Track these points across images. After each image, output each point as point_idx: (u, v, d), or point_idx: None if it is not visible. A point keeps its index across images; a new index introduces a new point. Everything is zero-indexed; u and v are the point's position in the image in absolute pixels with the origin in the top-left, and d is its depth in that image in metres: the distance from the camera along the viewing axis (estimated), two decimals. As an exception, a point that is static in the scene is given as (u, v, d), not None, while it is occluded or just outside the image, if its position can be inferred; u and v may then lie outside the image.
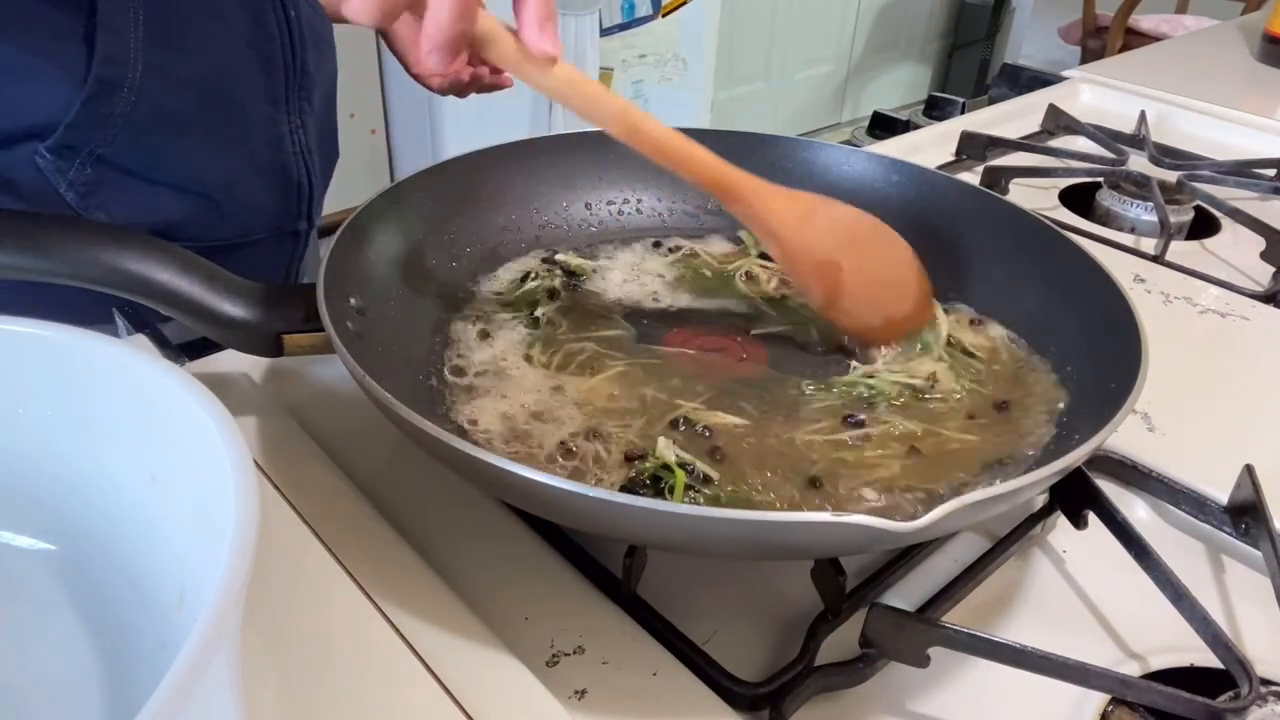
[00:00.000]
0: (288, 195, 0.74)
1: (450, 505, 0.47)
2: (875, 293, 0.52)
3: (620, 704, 0.38)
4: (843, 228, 0.52)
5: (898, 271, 0.53)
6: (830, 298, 0.52)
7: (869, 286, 0.52)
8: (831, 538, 0.35)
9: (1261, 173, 0.91)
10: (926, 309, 0.54)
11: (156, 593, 0.31)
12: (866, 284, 0.52)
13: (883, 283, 0.53)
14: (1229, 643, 0.39)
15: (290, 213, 0.75)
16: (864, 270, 0.52)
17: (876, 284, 0.53)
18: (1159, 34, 2.64)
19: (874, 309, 0.52)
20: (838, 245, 0.52)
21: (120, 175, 0.64)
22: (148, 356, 0.32)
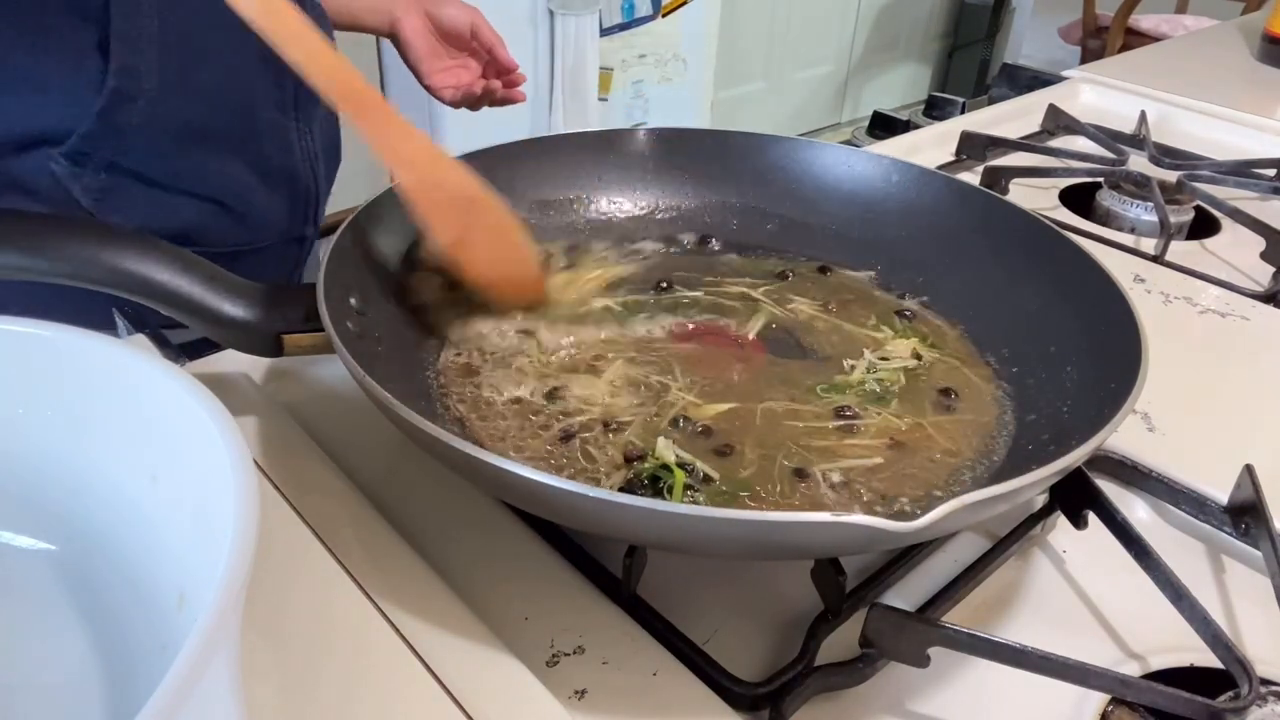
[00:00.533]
0: (296, 201, 0.75)
1: (450, 505, 0.47)
2: (499, 247, 0.53)
3: (620, 704, 0.38)
4: (472, 184, 0.53)
5: (517, 235, 0.55)
6: (460, 236, 0.52)
7: (494, 239, 0.53)
8: (831, 538, 0.35)
9: (1261, 173, 0.91)
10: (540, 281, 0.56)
11: (156, 593, 0.31)
12: (491, 236, 0.53)
13: (505, 241, 0.54)
14: (1229, 643, 0.39)
15: (298, 218, 0.75)
16: (489, 225, 0.53)
17: (499, 238, 0.53)
18: (1159, 34, 2.64)
19: (498, 262, 0.54)
20: (473, 189, 0.52)
21: (133, 182, 0.65)
22: (148, 356, 0.32)
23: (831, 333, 0.56)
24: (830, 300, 0.58)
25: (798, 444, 0.46)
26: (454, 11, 0.83)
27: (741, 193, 0.66)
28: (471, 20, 0.84)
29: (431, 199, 0.51)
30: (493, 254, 0.53)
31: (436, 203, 0.51)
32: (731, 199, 0.66)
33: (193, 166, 0.66)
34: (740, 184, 0.66)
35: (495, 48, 0.86)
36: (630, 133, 0.66)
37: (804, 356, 0.54)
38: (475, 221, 0.52)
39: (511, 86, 0.88)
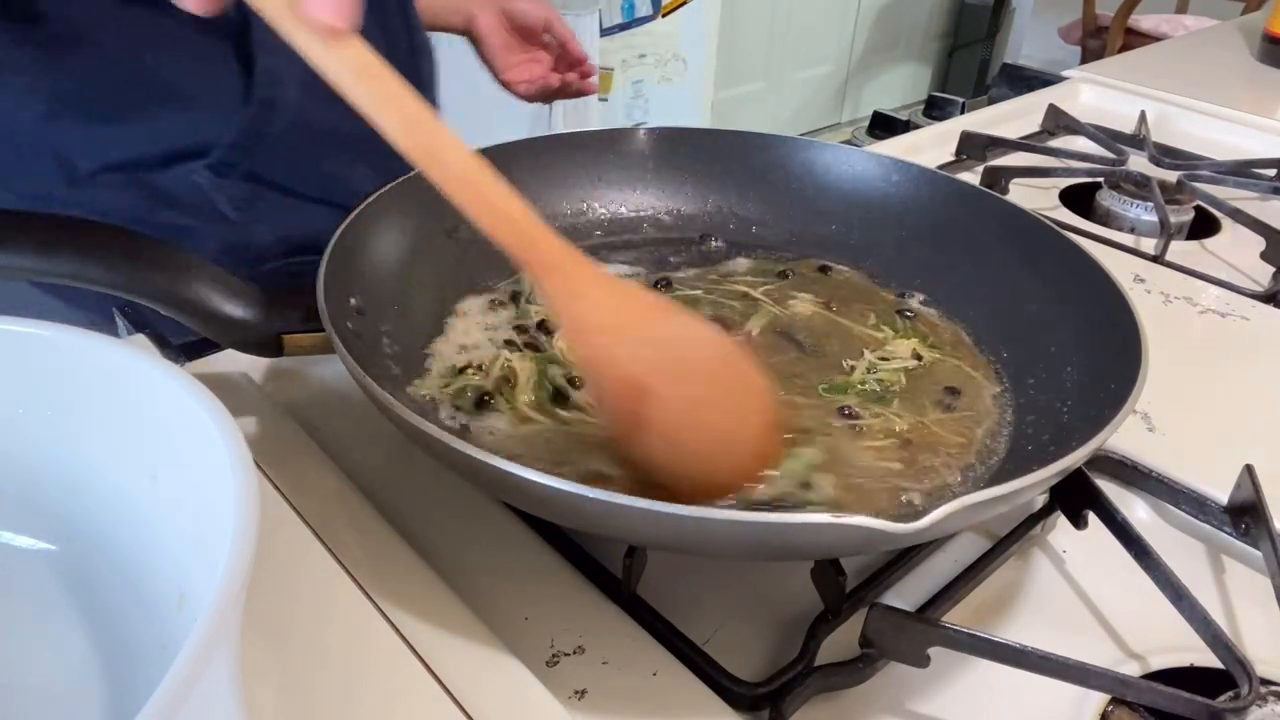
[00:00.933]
0: None
1: (450, 505, 0.47)
2: (692, 439, 0.40)
3: (620, 704, 0.38)
4: (683, 349, 0.41)
5: (737, 425, 0.42)
6: (623, 428, 0.40)
7: (686, 429, 0.40)
8: (831, 538, 0.35)
9: (1261, 173, 0.91)
10: (757, 469, 0.42)
11: (156, 593, 0.31)
12: (684, 426, 0.40)
13: (707, 431, 0.41)
14: (1229, 643, 0.39)
15: None
16: (687, 409, 0.40)
17: (699, 429, 0.41)
18: (1159, 34, 2.64)
19: (680, 459, 0.40)
20: (663, 369, 0.40)
21: (273, 191, 0.67)
22: (148, 356, 0.32)
23: (831, 332, 0.56)
24: (830, 299, 0.58)
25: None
26: (528, 7, 0.85)
27: (741, 193, 0.66)
28: (545, 15, 0.85)
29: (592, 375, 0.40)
30: (680, 451, 0.40)
31: (603, 380, 0.40)
32: (731, 199, 0.66)
33: (328, 174, 0.67)
34: (740, 184, 0.66)
35: (568, 42, 0.87)
36: (630, 132, 0.66)
37: (804, 355, 0.54)
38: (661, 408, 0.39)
39: (585, 78, 0.89)
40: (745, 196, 0.66)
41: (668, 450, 0.40)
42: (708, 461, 0.41)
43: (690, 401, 0.40)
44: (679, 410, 0.40)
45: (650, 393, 0.39)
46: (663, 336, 0.40)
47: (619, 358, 0.39)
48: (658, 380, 0.39)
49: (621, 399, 0.39)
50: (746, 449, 0.42)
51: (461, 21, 0.85)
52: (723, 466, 0.41)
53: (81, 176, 0.64)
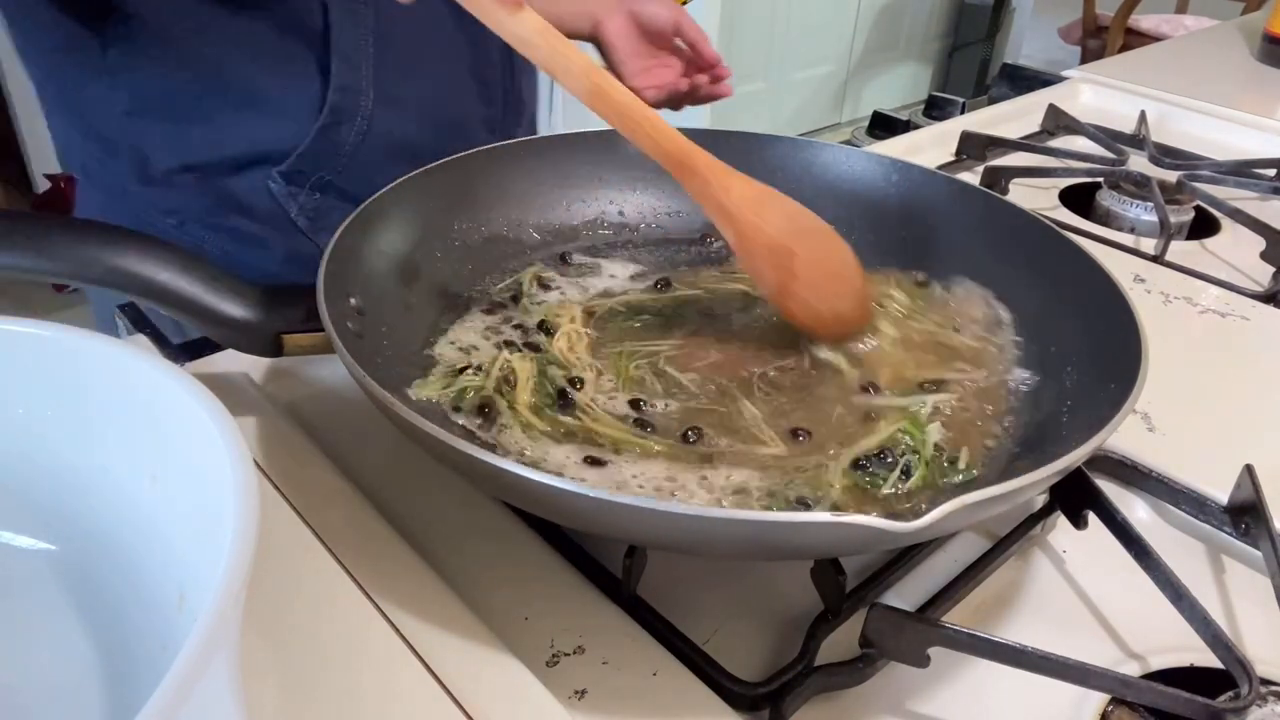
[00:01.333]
0: None
1: (450, 505, 0.47)
2: (825, 285, 0.52)
3: (620, 704, 0.38)
4: (794, 218, 0.52)
5: (844, 268, 0.53)
6: (784, 283, 0.51)
7: (819, 278, 0.52)
8: (831, 538, 0.35)
9: (1261, 173, 0.91)
10: (869, 311, 0.54)
11: (156, 593, 0.31)
12: (817, 275, 0.52)
13: (831, 276, 0.52)
14: (1229, 643, 0.39)
15: None
16: (814, 262, 0.52)
17: (826, 277, 0.52)
18: (1159, 34, 2.64)
19: (824, 300, 0.52)
20: (791, 233, 0.51)
21: (343, 201, 0.67)
22: (148, 356, 0.32)
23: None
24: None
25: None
26: (657, 9, 0.82)
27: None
28: (675, 18, 0.82)
29: (752, 250, 0.51)
30: (820, 294, 0.52)
31: (757, 252, 0.51)
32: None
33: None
34: (740, 184, 0.66)
35: (699, 44, 0.84)
36: (630, 133, 0.66)
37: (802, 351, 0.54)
38: (801, 262, 0.51)
39: (717, 81, 0.86)
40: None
41: (813, 295, 0.52)
42: (841, 300, 0.53)
43: (820, 255, 0.52)
44: (814, 263, 0.52)
45: (793, 253, 0.51)
46: (789, 213, 0.52)
47: (767, 229, 0.51)
48: (796, 243, 0.51)
49: (774, 259, 0.51)
50: (860, 294, 0.54)
51: (588, 27, 0.83)
52: (850, 306, 0.53)
53: (157, 175, 0.67)
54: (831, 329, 0.52)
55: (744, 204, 0.50)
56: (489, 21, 0.45)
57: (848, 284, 0.53)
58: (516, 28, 0.44)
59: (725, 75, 0.86)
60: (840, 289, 0.53)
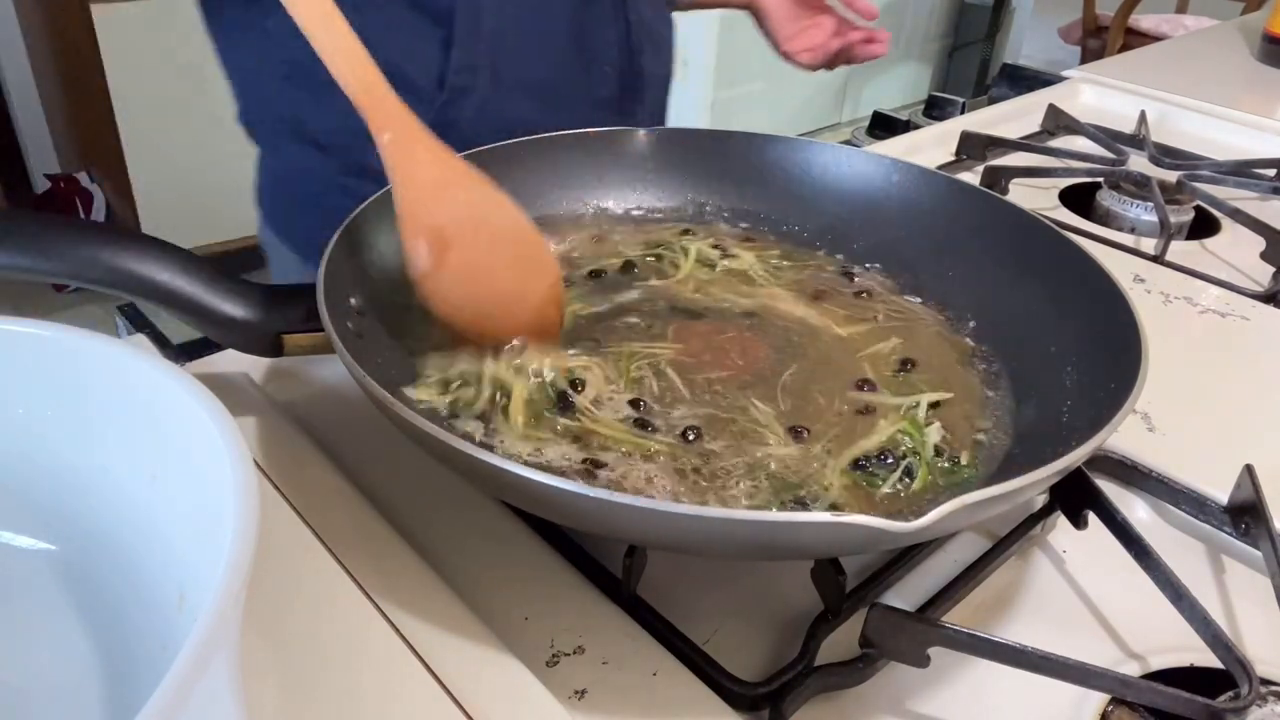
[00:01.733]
0: None
1: (450, 505, 0.47)
2: (476, 289, 0.48)
3: (620, 704, 0.38)
4: (481, 211, 0.48)
5: (518, 284, 0.49)
6: (424, 270, 0.47)
7: (473, 279, 0.48)
8: (831, 538, 0.35)
9: (1261, 173, 0.91)
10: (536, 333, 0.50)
11: (156, 593, 0.31)
12: (472, 276, 0.48)
13: (491, 284, 0.48)
14: (1229, 643, 0.39)
15: None
16: (478, 261, 0.48)
17: (484, 282, 0.48)
18: (1159, 34, 2.64)
19: (467, 302, 0.48)
20: (462, 223, 0.47)
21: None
22: (148, 356, 0.32)
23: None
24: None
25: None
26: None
27: (741, 193, 0.66)
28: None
29: (408, 222, 0.47)
30: (475, 291, 0.48)
31: (416, 226, 0.47)
32: (731, 199, 0.66)
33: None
34: (740, 184, 0.66)
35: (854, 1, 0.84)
36: (630, 133, 0.66)
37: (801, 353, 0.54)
38: (465, 245, 0.47)
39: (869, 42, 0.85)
40: (745, 197, 0.66)
41: (459, 294, 0.48)
42: (490, 311, 0.49)
43: (480, 254, 0.48)
44: (471, 259, 0.48)
45: (450, 241, 0.47)
46: (471, 199, 0.48)
47: (432, 209, 0.47)
48: (458, 232, 0.47)
49: (427, 242, 0.47)
50: (526, 309, 0.49)
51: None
52: (502, 317, 0.49)
53: (305, 136, 0.73)
54: (466, 329, 0.49)
55: (420, 173, 0.47)
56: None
57: (510, 301, 0.49)
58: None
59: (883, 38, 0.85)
60: (496, 302, 0.49)
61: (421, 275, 0.47)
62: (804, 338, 0.55)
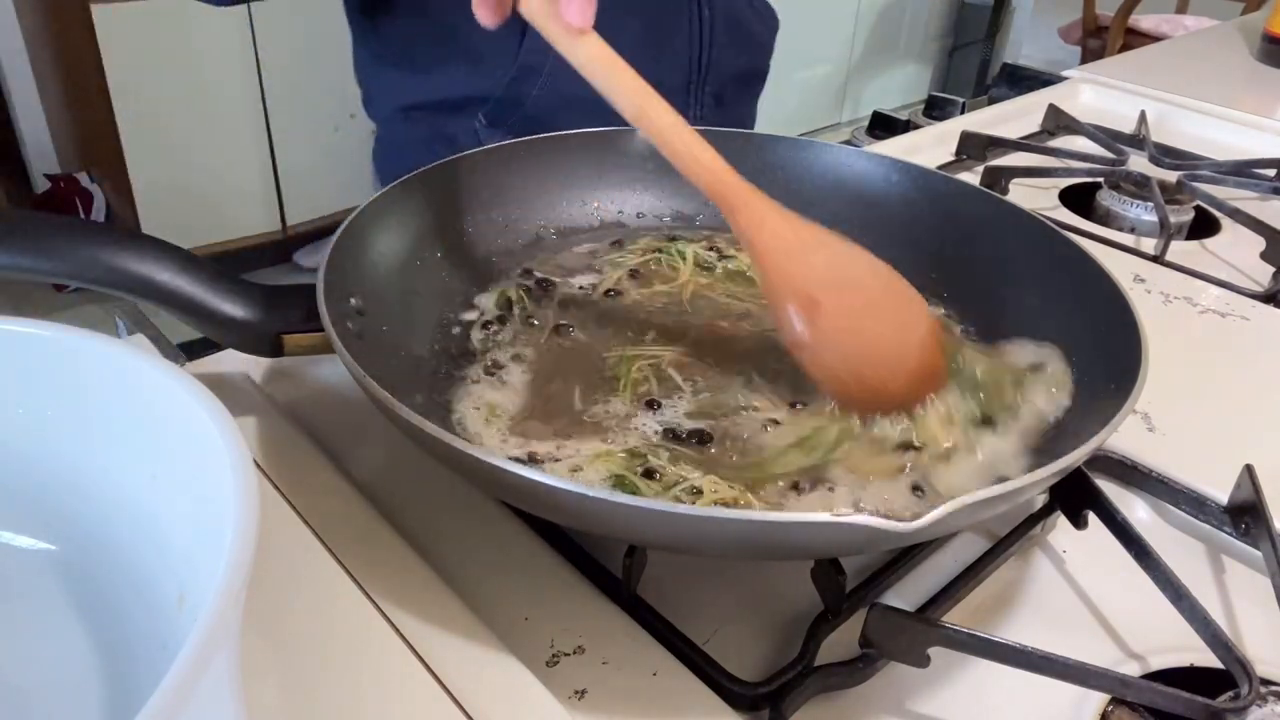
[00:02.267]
0: None
1: (450, 505, 0.47)
2: (856, 346, 0.46)
3: (620, 704, 0.38)
4: (843, 268, 0.47)
5: (897, 334, 0.47)
6: (799, 337, 0.46)
7: (851, 336, 0.46)
8: (831, 538, 0.35)
9: (1261, 173, 0.91)
10: (926, 386, 0.46)
11: (156, 592, 0.31)
12: (849, 334, 0.46)
13: (870, 339, 0.46)
14: (1229, 643, 0.39)
15: None
16: (851, 319, 0.46)
17: (862, 337, 0.46)
18: (1159, 34, 2.64)
19: (850, 364, 0.46)
20: (828, 284, 0.46)
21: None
22: (148, 356, 0.32)
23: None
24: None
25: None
26: None
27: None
28: None
29: (772, 293, 0.46)
30: (845, 357, 0.46)
31: (777, 297, 0.46)
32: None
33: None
34: (740, 184, 0.66)
35: None
36: (630, 133, 0.66)
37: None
38: (827, 317, 0.45)
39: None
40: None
41: (839, 356, 0.46)
42: (875, 368, 0.46)
43: (853, 310, 0.46)
44: (844, 317, 0.46)
45: (818, 305, 0.45)
46: (829, 257, 0.47)
47: (793, 274, 0.46)
48: (824, 293, 0.45)
49: (795, 309, 0.45)
50: (910, 359, 0.46)
51: None
52: (889, 375, 0.46)
53: (394, 111, 0.84)
54: (856, 399, 0.46)
55: (775, 243, 0.46)
56: (551, 40, 0.46)
57: (891, 354, 0.46)
58: (575, 52, 0.46)
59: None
60: (878, 355, 0.46)
61: (797, 345, 0.46)
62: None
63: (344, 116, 2.49)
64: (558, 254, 0.61)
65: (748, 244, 0.47)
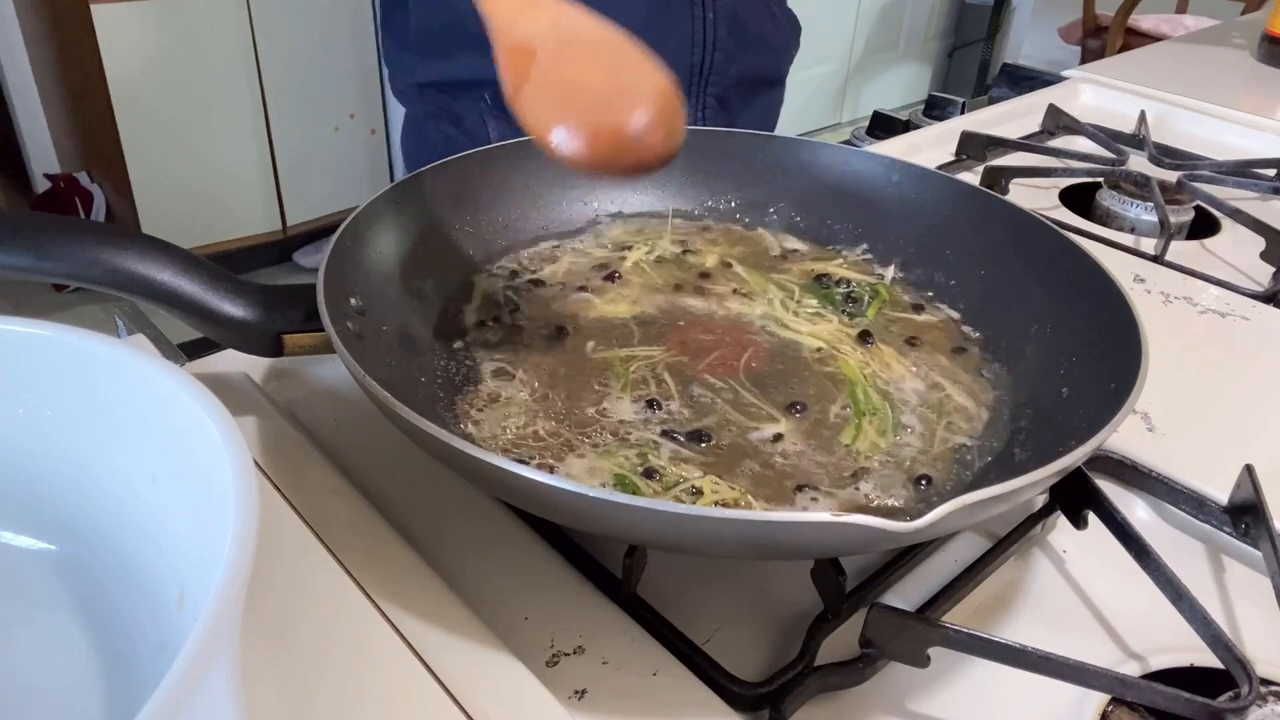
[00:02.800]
0: None
1: (450, 505, 0.47)
2: (574, 91, 0.45)
3: (620, 704, 0.38)
4: (567, 25, 0.46)
5: (618, 78, 0.45)
6: (514, 83, 0.45)
7: (567, 82, 0.45)
8: (831, 538, 0.35)
9: (1261, 173, 0.91)
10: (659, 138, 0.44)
11: (157, 592, 0.31)
12: (565, 79, 0.45)
13: (585, 90, 0.45)
14: (1229, 643, 0.39)
15: None
16: (568, 65, 0.45)
17: (580, 82, 0.45)
18: (1159, 34, 2.64)
19: (569, 109, 0.44)
20: (547, 34, 0.45)
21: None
22: (148, 356, 0.32)
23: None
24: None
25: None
26: None
27: (741, 193, 0.66)
28: None
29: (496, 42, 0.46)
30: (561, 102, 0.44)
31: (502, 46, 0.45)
32: (731, 199, 0.66)
33: None
34: (740, 184, 0.66)
35: None
36: (630, 133, 0.66)
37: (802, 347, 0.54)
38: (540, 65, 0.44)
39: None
40: (745, 197, 0.66)
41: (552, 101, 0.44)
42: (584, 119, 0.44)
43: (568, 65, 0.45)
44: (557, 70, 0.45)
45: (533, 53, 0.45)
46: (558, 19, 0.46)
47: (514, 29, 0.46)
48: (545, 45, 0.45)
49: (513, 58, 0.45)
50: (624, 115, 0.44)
51: None
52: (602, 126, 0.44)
53: (410, 88, 0.90)
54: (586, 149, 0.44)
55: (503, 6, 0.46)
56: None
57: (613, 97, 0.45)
58: None
59: None
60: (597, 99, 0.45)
61: (511, 97, 0.45)
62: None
63: (344, 117, 2.50)
64: (557, 254, 0.61)
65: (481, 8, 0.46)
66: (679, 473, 0.44)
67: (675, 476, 0.44)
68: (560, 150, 0.43)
